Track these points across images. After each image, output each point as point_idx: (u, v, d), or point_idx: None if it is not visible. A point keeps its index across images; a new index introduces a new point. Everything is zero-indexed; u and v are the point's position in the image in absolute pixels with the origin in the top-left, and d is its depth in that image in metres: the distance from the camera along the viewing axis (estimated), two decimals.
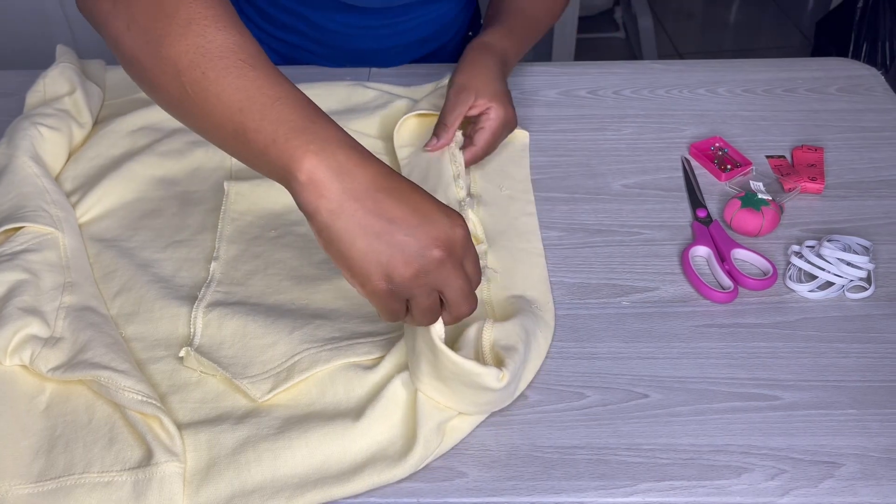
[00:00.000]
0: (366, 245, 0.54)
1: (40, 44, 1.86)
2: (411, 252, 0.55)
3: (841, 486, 0.62)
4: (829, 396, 0.68)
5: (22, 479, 0.61)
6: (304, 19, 1.04)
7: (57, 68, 0.95)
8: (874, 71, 1.07)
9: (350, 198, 0.54)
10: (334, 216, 0.54)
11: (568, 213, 0.86)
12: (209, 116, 0.57)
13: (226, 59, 0.56)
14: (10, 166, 0.84)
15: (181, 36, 0.57)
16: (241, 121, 0.56)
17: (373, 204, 0.54)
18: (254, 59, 0.57)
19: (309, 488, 0.60)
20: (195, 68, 0.56)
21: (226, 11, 0.59)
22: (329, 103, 0.98)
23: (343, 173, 0.54)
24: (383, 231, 0.54)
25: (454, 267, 0.57)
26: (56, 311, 0.72)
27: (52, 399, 0.67)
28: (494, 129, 0.87)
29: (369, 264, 0.55)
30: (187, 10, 0.57)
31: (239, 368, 0.68)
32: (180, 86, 0.57)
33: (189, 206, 0.86)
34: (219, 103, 0.56)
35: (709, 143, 0.94)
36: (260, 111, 0.55)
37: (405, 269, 0.55)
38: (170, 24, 0.57)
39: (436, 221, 0.56)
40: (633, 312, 0.75)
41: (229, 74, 0.56)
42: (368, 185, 0.54)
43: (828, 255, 0.77)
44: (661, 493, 0.62)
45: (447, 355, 0.60)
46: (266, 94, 0.56)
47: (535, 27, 0.98)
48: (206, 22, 0.57)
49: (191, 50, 0.56)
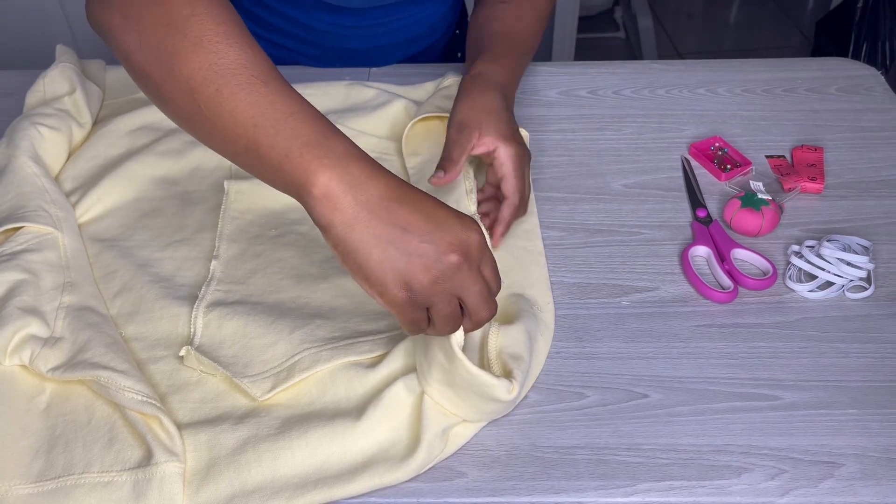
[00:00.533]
0: (382, 254, 0.55)
1: (40, 44, 1.86)
2: (428, 258, 0.55)
3: (841, 486, 0.62)
4: (829, 396, 0.68)
5: (22, 479, 0.61)
6: (292, 21, 1.04)
7: (57, 68, 0.95)
8: (874, 71, 1.07)
9: (364, 209, 0.55)
10: (349, 228, 0.55)
11: (568, 213, 0.86)
12: (223, 132, 0.58)
13: (238, 75, 0.57)
14: (9, 166, 0.84)
15: (193, 53, 0.57)
16: (255, 136, 0.56)
17: (386, 214, 0.55)
18: (266, 75, 0.58)
19: (309, 489, 0.60)
20: (208, 85, 0.57)
21: (236, 27, 0.59)
22: (329, 102, 0.98)
23: (356, 186, 0.55)
24: (398, 239, 0.55)
25: (472, 271, 0.57)
26: (56, 310, 0.72)
27: (51, 399, 0.67)
28: (514, 171, 0.80)
29: (386, 274, 0.55)
30: (198, 26, 0.58)
31: (239, 368, 0.68)
32: (193, 102, 0.57)
33: (189, 205, 0.86)
34: (232, 119, 0.56)
35: (709, 143, 0.94)
36: (273, 126, 0.56)
37: (423, 275, 0.55)
38: (181, 41, 0.58)
39: (450, 227, 0.56)
40: (633, 312, 0.75)
41: (242, 91, 0.56)
42: (382, 196, 0.55)
43: (828, 254, 0.77)
44: (660, 493, 0.62)
45: (464, 364, 0.60)
46: (279, 110, 0.56)
47: (524, 51, 0.94)
48: (218, 39, 0.57)
49: (203, 67, 0.57)
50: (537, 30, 0.97)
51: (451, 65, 1.04)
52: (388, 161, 0.91)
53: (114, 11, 0.61)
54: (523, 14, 0.94)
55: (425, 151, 0.90)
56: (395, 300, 0.56)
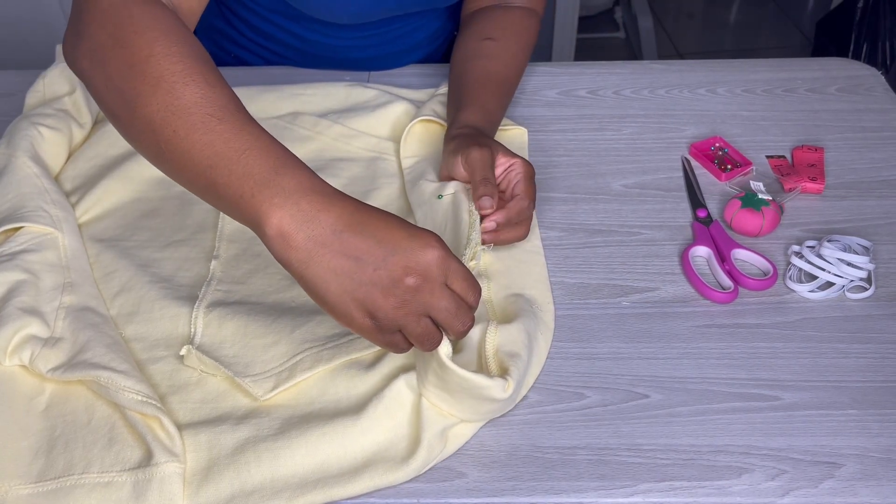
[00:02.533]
0: (339, 287, 0.56)
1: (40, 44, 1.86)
2: (385, 285, 0.56)
3: (841, 486, 0.62)
4: (829, 397, 0.68)
5: (22, 480, 0.61)
6: (289, 32, 1.03)
7: (57, 68, 0.95)
8: (874, 71, 1.07)
9: (317, 244, 0.55)
10: (304, 265, 0.56)
11: (568, 213, 0.86)
12: (183, 172, 0.59)
13: (193, 114, 0.57)
14: (9, 166, 0.84)
15: (151, 95, 0.58)
16: (212, 176, 0.57)
17: (339, 245, 0.55)
18: (222, 111, 0.58)
19: (309, 489, 0.60)
20: (167, 126, 0.58)
21: (194, 64, 0.59)
22: (329, 103, 0.98)
23: (307, 221, 0.55)
24: (353, 270, 0.55)
25: (434, 290, 0.57)
26: (56, 311, 0.72)
27: (51, 399, 0.67)
28: (529, 178, 0.79)
29: (347, 305, 0.56)
30: (156, 67, 0.59)
31: (241, 367, 0.68)
32: (156, 143, 0.59)
33: (188, 205, 0.86)
34: (190, 159, 0.58)
35: (709, 143, 0.94)
36: (227, 166, 0.57)
37: (384, 302, 0.56)
38: (141, 83, 0.59)
39: (403, 249, 0.56)
40: (634, 313, 0.75)
41: (196, 131, 0.57)
42: (334, 227, 0.55)
43: (828, 255, 0.77)
44: (661, 493, 0.62)
45: (454, 372, 0.60)
46: (233, 148, 0.57)
47: (508, 90, 0.92)
48: (174, 78, 0.58)
49: (161, 108, 0.58)
50: (523, 66, 0.96)
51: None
52: (386, 161, 0.91)
53: (83, 55, 0.63)
54: (509, 52, 0.94)
55: (422, 153, 0.90)
56: (363, 328, 0.57)
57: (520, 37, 0.96)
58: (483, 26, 0.97)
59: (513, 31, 0.96)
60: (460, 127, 0.84)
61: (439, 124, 0.92)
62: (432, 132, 0.92)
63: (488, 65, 0.92)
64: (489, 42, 0.94)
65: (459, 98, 0.89)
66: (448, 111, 0.91)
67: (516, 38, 0.96)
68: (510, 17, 0.98)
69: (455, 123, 0.85)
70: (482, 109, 0.87)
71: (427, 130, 0.93)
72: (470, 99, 0.88)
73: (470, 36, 0.96)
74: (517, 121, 0.97)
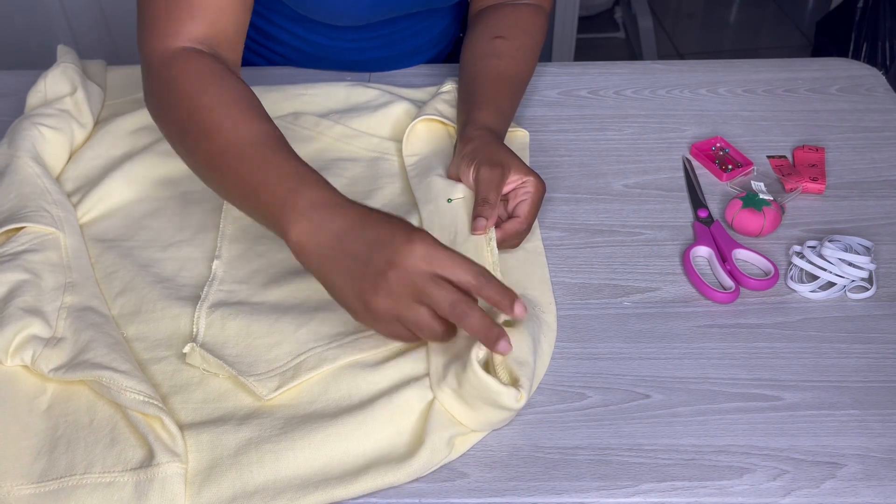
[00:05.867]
0: (343, 284, 0.63)
1: (40, 44, 1.86)
2: (373, 279, 0.61)
3: (843, 486, 0.62)
4: (830, 397, 0.68)
5: (23, 480, 0.61)
6: (293, 34, 1.03)
7: (58, 68, 0.95)
8: (875, 71, 1.07)
9: (324, 249, 0.64)
10: (317, 268, 0.65)
11: (569, 214, 0.86)
12: (232, 193, 0.72)
13: (249, 149, 0.70)
14: (11, 166, 0.84)
15: (206, 139, 0.71)
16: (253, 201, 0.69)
17: (340, 246, 0.63)
18: (272, 144, 0.70)
19: (311, 489, 0.60)
20: (226, 162, 0.70)
21: (244, 105, 0.73)
22: (330, 103, 0.98)
23: (317, 231, 0.64)
24: (350, 268, 0.62)
25: (426, 281, 0.61)
26: (57, 311, 0.72)
27: (53, 399, 0.67)
28: (535, 201, 0.79)
29: (350, 299, 0.63)
30: (211, 116, 0.71)
31: (244, 367, 0.68)
32: (210, 177, 0.73)
33: (190, 205, 0.86)
34: (243, 185, 0.70)
35: (710, 144, 0.94)
36: (255, 192, 0.68)
37: (374, 295, 0.61)
38: (195, 133, 0.72)
39: (387, 244, 0.61)
40: (635, 313, 0.75)
41: (250, 163, 0.69)
42: (336, 232, 0.64)
43: (829, 255, 0.77)
44: (662, 493, 0.62)
45: (473, 368, 0.61)
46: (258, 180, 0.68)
47: (520, 89, 0.93)
48: (229, 122, 0.71)
49: (218, 147, 0.70)
50: (534, 64, 0.96)
51: (451, 66, 1.04)
52: (388, 161, 0.91)
53: (153, 108, 0.77)
54: (521, 51, 0.94)
55: (424, 152, 0.90)
56: (365, 320, 0.64)
57: (530, 34, 0.96)
58: (492, 25, 0.96)
59: (523, 28, 0.96)
60: (477, 128, 0.84)
61: (442, 123, 0.92)
62: (434, 131, 0.92)
63: (500, 64, 0.92)
64: (500, 41, 0.94)
65: (473, 97, 0.89)
66: (459, 109, 0.91)
67: (526, 35, 0.96)
68: (519, 14, 0.98)
69: (471, 123, 0.85)
70: (497, 109, 0.87)
71: (429, 129, 0.93)
72: (484, 99, 0.88)
73: (480, 34, 0.96)
74: (518, 121, 0.97)
